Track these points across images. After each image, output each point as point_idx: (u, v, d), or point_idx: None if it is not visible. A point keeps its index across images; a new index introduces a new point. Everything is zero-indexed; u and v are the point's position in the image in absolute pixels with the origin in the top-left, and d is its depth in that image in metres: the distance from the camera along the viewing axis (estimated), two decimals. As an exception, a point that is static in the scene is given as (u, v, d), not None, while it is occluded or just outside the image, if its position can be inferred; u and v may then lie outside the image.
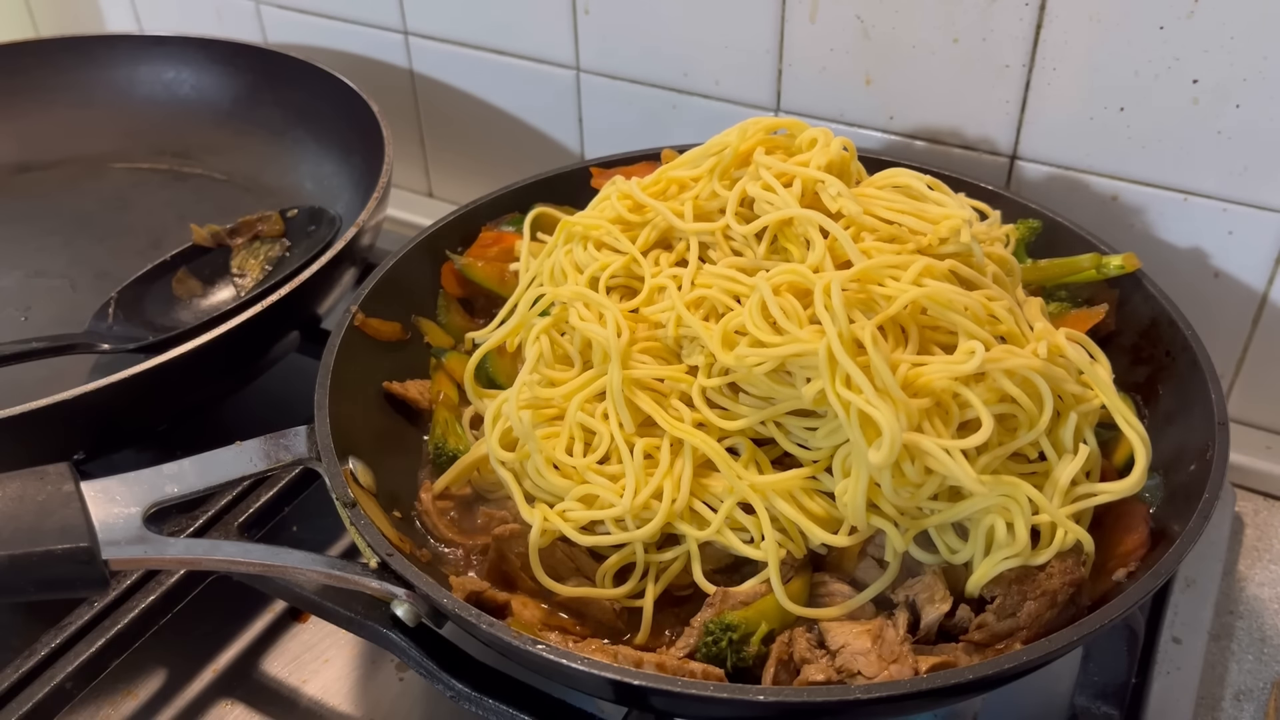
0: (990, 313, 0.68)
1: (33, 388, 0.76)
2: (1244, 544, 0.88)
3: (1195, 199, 0.87)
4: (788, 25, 0.95)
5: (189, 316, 0.97)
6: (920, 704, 0.60)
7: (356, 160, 1.07)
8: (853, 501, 0.64)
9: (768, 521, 0.66)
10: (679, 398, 0.71)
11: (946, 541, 0.66)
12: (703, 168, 0.78)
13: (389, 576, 0.64)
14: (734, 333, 0.68)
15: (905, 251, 0.70)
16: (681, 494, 0.68)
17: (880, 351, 0.63)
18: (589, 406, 0.72)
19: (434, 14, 1.14)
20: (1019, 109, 0.90)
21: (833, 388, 0.63)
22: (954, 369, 0.64)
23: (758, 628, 0.64)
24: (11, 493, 0.60)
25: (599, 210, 0.81)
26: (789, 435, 0.68)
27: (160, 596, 0.72)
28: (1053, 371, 0.66)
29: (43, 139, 1.20)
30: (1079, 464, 0.66)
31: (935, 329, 0.68)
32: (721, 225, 0.75)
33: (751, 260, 0.73)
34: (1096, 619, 0.59)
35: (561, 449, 0.72)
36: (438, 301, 0.88)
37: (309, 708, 0.78)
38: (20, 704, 0.66)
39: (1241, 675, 0.79)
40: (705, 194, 0.77)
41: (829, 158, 0.75)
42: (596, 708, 0.67)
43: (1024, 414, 0.66)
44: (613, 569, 0.69)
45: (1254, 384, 0.93)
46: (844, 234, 0.69)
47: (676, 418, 0.70)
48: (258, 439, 0.70)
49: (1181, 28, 0.80)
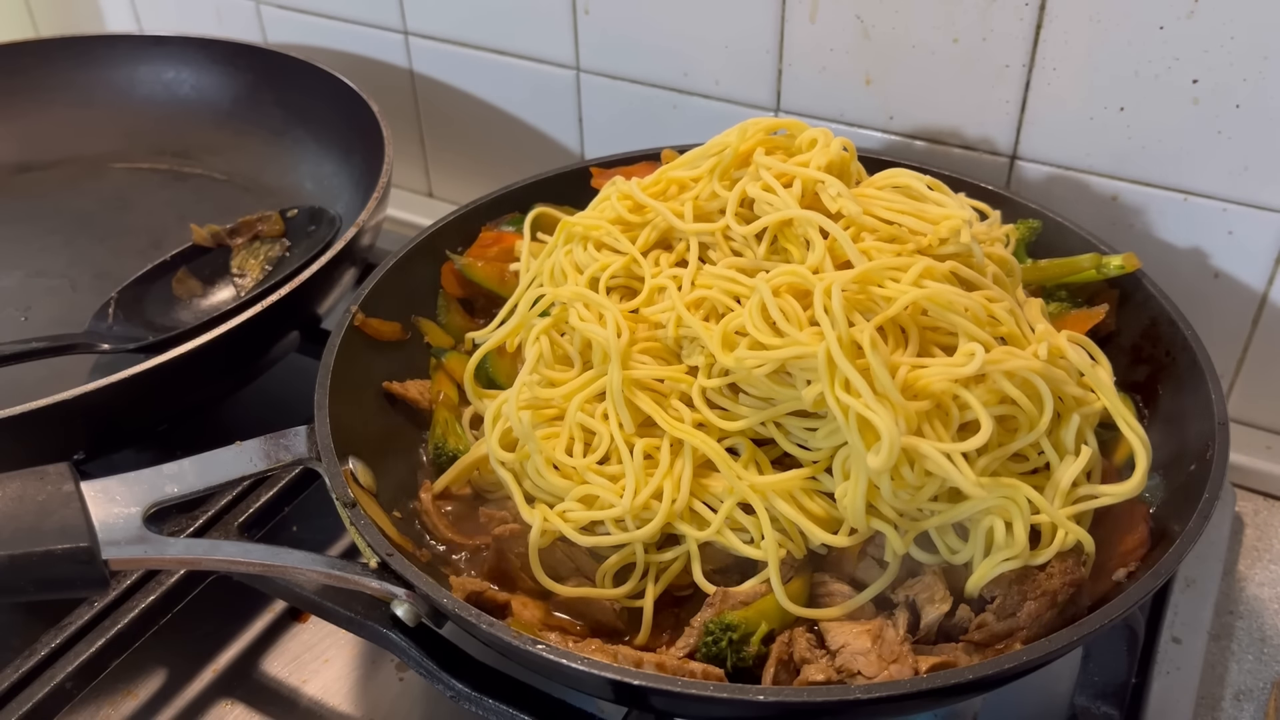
0: (991, 314, 0.68)
1: (33, 388, 0.76)
2: (1244, 544, 0.88)
3: (1195, 199, 0.87)
4: (788, 25, 0.95)
5: (189, 316, 0.97)
6: (920, 704, 0.60)
7: (356, 160, 1.07)
8: (852, 504, 0.64)
9: (767, 522, 0.66)
10: (679, 398, 0.71)
11: (947, 542, 0.66)
12: (702, 168, 0.78)
13: (389, 576, 0.64)
14: (734, 334, 0.68)
15: (905, 252, 0.70)
16: (681, 494, 0.68)
17: (879, 355, 0.63)
18: (589, 407, 0.72)
19: (434, 14, 1.14)
20: (1019, 109, 0.90)
21: (832, 391, 0.63)
22: (954, 371, 0.64)
23: (758, 628, 0.64)
24: (11, 493, 0.60)
25: (599, 211, 0.81)
26: (789, 436, 0.68)
27: (160, 596, 0.72)
28: (1053, 373, 0.66)
29: (43, 139, 1.20)
30: (1080, 465, 0.66)
31: (936, 330, 0.68)
32: (721, 226, 0.75)
33: (751, 261, 0.73)
34: (1096, 619, 0.59)
35: (561, 449, 0.72)
36: (438, 301, 0.88)
37: (309, 708, 0.78)
38: (20, 704, 0.66)
39: (1241, 675, 0.79)
40: (705, 194, 0.77)
41: (829, 158, 0.75)
42: (596, 708, 0.67)
43: (1024, 415, 0.66)
44: (613, 569, 0.69)
45: (1254, 384, 0.93)
46: (844, 235, 0.69)
47: (676, 418, 0.70)
48: (258, 439, 0.70)
49: (1181, 28, 0.80)
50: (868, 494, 0.64)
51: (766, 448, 0.70)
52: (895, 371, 0.64)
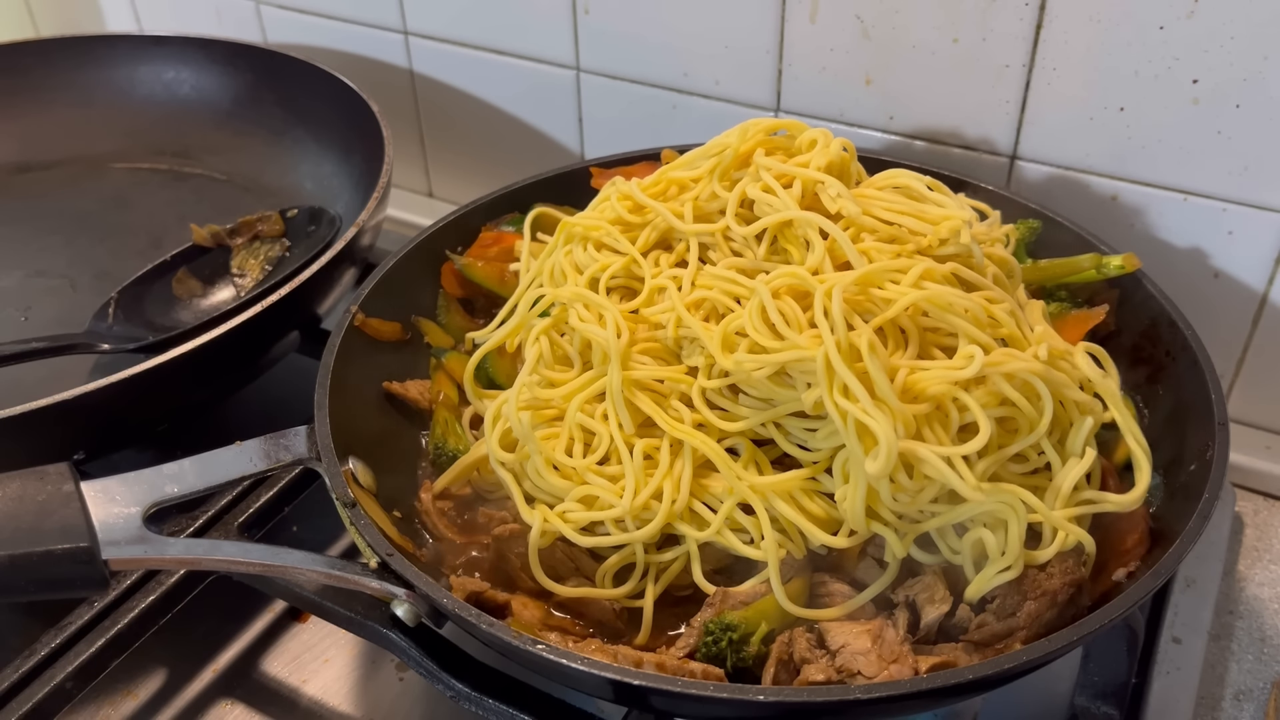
0: (991, 315, 0.68)
1: (33, 388, 0.76)
2: (1244, 544, 0.88)
3: (1195, 199, 0.87)
4: (788, 25, 0.95)
5: (189, 316, 0.97)
6: (920, 704, 0.60)
7: (356, 160, 1.07)
8: (852, 507, 0.64)
9: (767, 522, 0.66)
10: (679, 398, 0.71)
11: (948, 543, 0.66)
12: (702, 169, 0.78)
13: (389, 576, 0.64)
14: (734, 335, 0.68)
15: (905, 253, 0.70)
16: (681, 494, 0.68)
17: (878, 359, 0.63)
18: (589, 407, 0.72)
19: (434, 14, 1.14)
20: (1019, 109, 0.90)
21: (830, 396, 0.63)
22: (953, 374, 0.64)
23: (758, 628, 0.64)
24: (11, 493, 0.60)
25: (599, 211, 0.81)
26: (789, 436, 0.68)
27: (160, 596, 0.72)
28: (1053, 376, 0.66)
29: (43, 139, 1.20)
30: (1082, 470, 0.66)
31: (936, 331, 0.68)
32: (721, 226, 0.74)
33: (752, 261, 0.73)
34: (1096, 619, 0.59)
35: (561, 450, 0.72)
36: (438, 301, 0.88)
37: (309, 708, 0.78)
38: (20, 704, 0.66)
39: (1241, 675, 0.79)
40: (705, 195, 0.77)
41: (829, 159, 0.75)
42: (596, 708, 0.67)
43: (1023, 417, 0.65)
44: (612, 569, 0.69)
45: (1254, 384, 0.93)
46: (843, 236, 0.69)
47: (676, 418, 0.70)
48: (258, 439, 0.70)
49: (1181, 28, 0.80)
50: (868, 497, 0.64)
51: (766, 448, 0.70)
52: (894, 375, 0.64)
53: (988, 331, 0.67)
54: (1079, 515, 0.66)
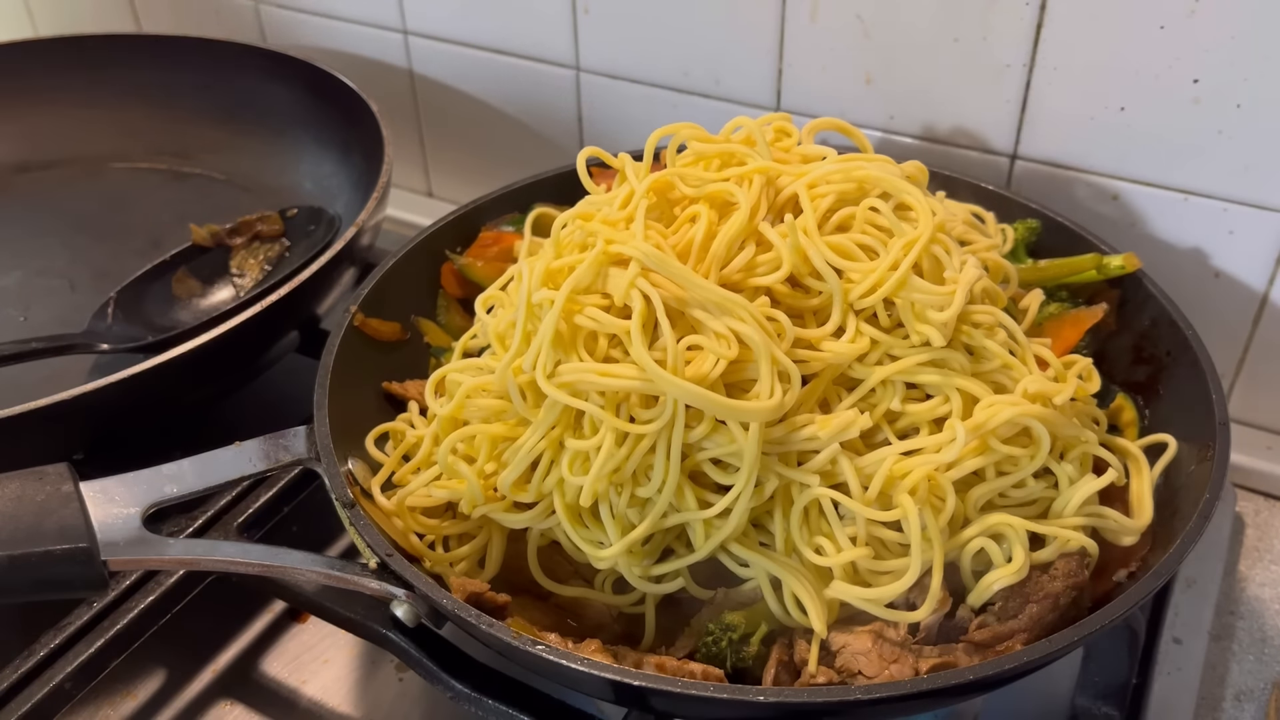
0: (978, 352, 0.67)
1: (33, 388, 0.76)
2: (1244, 544, 0.88)
3: (1195, 199, 0.87)
4: (788, 25, 0.95)
5: (188, 316, 0.97)
6: (921, 704, 0.60)
7: (356, 160, 1.07)
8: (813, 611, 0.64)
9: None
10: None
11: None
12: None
13: (389, 577, 0.64)
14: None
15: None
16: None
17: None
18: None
19: (434, 14, 1.14)
20: (1019, 109, 0.90)
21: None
22: (935, 459, 0.64)
23: (758, 628, 0.64)
24: (11, 493, 0.60)
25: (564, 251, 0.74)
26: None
27: (160, 596, 0.72)
28: (1053, 417, 0.66)
29: (43, 139, 1.20)
30: (1091, 490, 0.66)
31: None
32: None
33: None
34: (1097, 619, 0.59)
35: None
36: (438, 301, 0.88)
37: (309, 708, 0.78)
38: (20, 704, 0.66)
39: (1242, 675, 0.79)
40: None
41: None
42: (596, 708, 0.67)
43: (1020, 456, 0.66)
44: (611, 577, 0.69)
45: (1254, 384, 0.93)
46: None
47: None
48: (257, 439, 0.70)
49: (1181, 28, 0.80)
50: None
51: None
52: (880, 464, 0.63)
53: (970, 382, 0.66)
54: (1083, 525, 0.66)
